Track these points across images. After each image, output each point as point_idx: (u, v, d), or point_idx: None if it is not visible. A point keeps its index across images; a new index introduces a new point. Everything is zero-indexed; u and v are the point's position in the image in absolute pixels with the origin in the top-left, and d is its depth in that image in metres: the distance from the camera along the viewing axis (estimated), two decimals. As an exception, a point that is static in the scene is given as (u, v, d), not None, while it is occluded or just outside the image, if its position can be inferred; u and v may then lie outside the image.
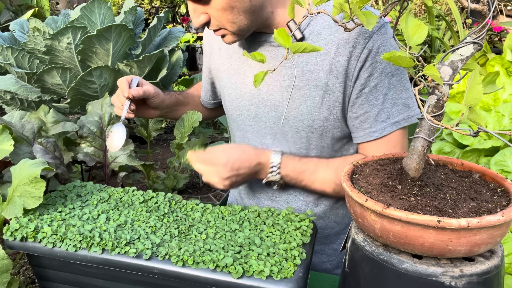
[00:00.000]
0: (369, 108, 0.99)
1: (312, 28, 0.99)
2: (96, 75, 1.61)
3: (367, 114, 0.99)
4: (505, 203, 0.59)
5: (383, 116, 0.99)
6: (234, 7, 0.93)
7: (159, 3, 5.00)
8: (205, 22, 0.97)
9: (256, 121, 1.10)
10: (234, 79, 1.13)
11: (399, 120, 0.98)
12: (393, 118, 0.98)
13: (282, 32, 0.60)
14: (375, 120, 0.99)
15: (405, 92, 0.99)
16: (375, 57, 0.95)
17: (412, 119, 0.99)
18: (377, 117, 0.99)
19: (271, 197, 1.15)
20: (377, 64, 0.96)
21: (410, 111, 0.99)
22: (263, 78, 0.63)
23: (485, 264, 0.58)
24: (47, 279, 0.86)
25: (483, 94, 0.55)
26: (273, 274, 0.70)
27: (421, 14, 4.18)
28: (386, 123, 0.99)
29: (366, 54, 0.95)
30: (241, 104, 1.12)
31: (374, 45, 0.95)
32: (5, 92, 1.73)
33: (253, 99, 1.09)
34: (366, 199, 0.59)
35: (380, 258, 0.61)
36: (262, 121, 1.09)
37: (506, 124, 1.43)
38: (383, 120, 0.99)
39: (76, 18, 1.71)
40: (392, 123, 0.98)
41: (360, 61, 0.96)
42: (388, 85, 0.97)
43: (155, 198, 0.93)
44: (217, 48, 1.19)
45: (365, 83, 0.97)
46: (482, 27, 0.58)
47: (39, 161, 0.88)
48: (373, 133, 1.00)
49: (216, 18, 0.96)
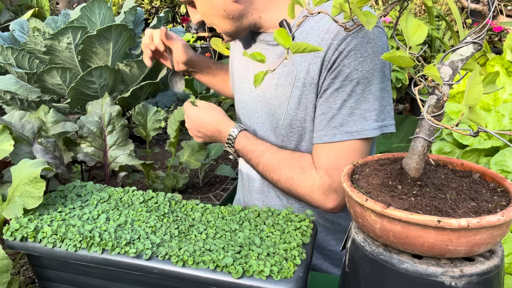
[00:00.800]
0: (326, 110, 0.97)
1: (303, 28, 1.00)
2: (96, 75, 1.61)
3: (323, 116, 0.98)
4: (505, 203, 0.59)
5: (336, 122, 0.96)
6: (211, 14, 1.02)
7: (159, 3, 5.00)
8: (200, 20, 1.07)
9: (252, 115, 1.15)
10: (240, 74, 1.19)
11: (353, 131, 0.95)
12: (346, 127, 0.95)
13: (282, 32, 0.60)
14: (328, 123, 0.97)
15: (366, 103, 0.94)
16: (344, 60, 0.93)
17: (366, 133, 0.94)
18: (331, 121, 0.97)
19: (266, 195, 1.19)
20: (344, 68, 0.93)
21: (366, 124, 0.94)
22: (263, 78, 0.63)
23: (485, 264, 0.58)
24: (47, 279, 0.86)
25: (483, 94, 0.55)
26: (273, 274, 0.70)
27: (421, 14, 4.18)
28: (338, 130, 0.96)
29: (336, 56, 0.93)
30: (242, 98, 1.18)
31: (346, 48, 0.92)
32: (5, 92, 1.73)
33: (251, 94, 1.14)
34: (366, 199, 0.59)
35: (380, 258, 0.61)
36: (256, 116, 1.14)
37: (506, 124, 1.43)
38: (336, 126, 0.96)
39: (76, 18, 1.71)
40: (344, 132, 0.95)
41: (330, 62, 0.94)
42: (349, 91, 0.94)
43: (155, 198, 0.93)
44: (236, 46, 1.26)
45: (328, 84, 0.96)
46: (482, 27, 0.58)
47: (39, 161, 0.88)
48: (323, 136, 0.98)
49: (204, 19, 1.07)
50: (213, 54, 4.12)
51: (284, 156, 1.05)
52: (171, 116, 1.31)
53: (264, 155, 1.06)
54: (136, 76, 1.76)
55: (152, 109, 1.38)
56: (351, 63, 0.93)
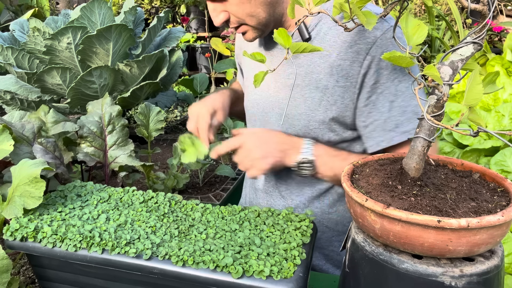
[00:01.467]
0: (377, 115, 0.96)
1: (320, 28, 0.99)
2: (96, 75, 1.61)
3: (376, 122, 0.97)
4: (505, 203, 0.59)
5: (391, 125, 0.95)
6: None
7: (159, 3, 5.00)
8: (225, 19, 0.99)
9: (263, 116, 1.14)
10: (252, 73, 1.19)
11: (409, 129, 0.94)
12: (402, 127, 0.94)
13: (282, 32, 0.60)
14: (382, 129, 0.96)
15: (413, 99, 0.94)
16: (380, 63, 0.93)
17: None
18: (384, 125, 0.96)
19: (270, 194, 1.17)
20: (382, 71, 0.93)
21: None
22: (263, 78, 0.63)
23: (485, 264, 0.58)
24: (47, 279, 0.86)
25: (483, 94, 0.55)
26: (273, 274, 0.70)
27: (421, 14, 4.18)
28: (394, 132, 0.95)
29: (370, 61, 0.93)
30: (253, 98, 1.17)
31: (378, 51, 0.92)
32: (5, 92, 1.73)
33: (262, 94, 1.13)
34: (366, 199, 0.59)
35: (380, 258, 0.61)
36: (267, 117, 1.13)
37: (506, 124, 1.43)
38: (391, 129, 0.95)
39: (76, 18, 1.71)
40: (402, 133, 0.94)
41: (364, 67, 0.94)
42: (394, 91, 0.94)
43: (155, 198, 0.93)
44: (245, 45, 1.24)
45: (371, 90, 0.95)
46: (482, 27, 0.58)
47: (39, 161, 0.88)
48: (381, 142, 0.97)
49: (235, 13, 0.98)
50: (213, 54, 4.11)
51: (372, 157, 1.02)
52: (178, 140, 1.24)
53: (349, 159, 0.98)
54: (136, 76, 1.76)
55: (155, 109, 1.38)
56: (388, 65, 0.93)
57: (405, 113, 0.94)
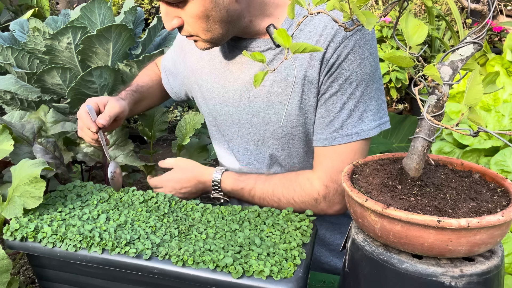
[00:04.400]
0: (325, 114, 0.97)
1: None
2: (96, 75, 1.61)
3: (322, 120, 0.97)
4: (505, 203, 0.59)
5: (336, 125, 0.96)
6: (210, 16, 0.90)
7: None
8: (177, 26, 0.94)
9: (240, 126, 1.09)
10: (216, 84, 1.10)
11: (352, 133, 0.95)
12: (346, 130, 0.95)
13: (282, 32, 0.60)
14: (327, 127, 0.97)
15: (363, 105, 0.95)
16: (342, 63, 0.92)
17: (364, 134, 0.95)
18: (330, 125, 0.96)
19: None
20: (343, 71, 0.93)
21: (363, 125, 0.95)
22: (263, 78, 0.63)
23: (485, 264, 0.58)
24: (47, 279, 0.86)
25: (483, 94, 0.55)
26: (273, 274, 0.70)
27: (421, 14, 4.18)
28: (337, 133, 0.96)
29: (335, 59, 0.92)
30: (224, 110, 1.10)
31: (344, 50, 0.92)
32: (5, 92, 1.73)
33: (235, 104, 1.07)
34: (366, 199, 0.59)
35: (380, 258, 0.61)
36: (245, 127, 1.08)
37: (506, 124, 1.43)
38: (335, 129, 0.96)
39: (76, 18, 1.71)
40: (344, 135, 0.95)
41: (328, 65, 0.93)
42: (349, 94, 0.94)
43: (155, 198, 0.93)
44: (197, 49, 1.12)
45: (327, 88, 0.95)
46: (482, 27, 0.58)
47: (39, 161, 0.88)
48: (323, 140, 0.98)
49: (190, 25, 0.93)
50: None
51: (277, 180, 1.03)
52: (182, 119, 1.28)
53: (256, 187, 1.03)
54: (136, 76, 1.76)
55: (160, 110, 1.38)
56: (350, 66, 0.92)
57: (351, 117, 0.95)
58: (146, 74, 1.34)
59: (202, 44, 0.98)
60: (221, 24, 0.93)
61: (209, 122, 1.19)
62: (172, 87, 1.29)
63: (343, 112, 0.95)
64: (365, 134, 0.95)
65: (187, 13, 0.90)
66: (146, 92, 1.28)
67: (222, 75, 1.08)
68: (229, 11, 0.92)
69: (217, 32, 0.94)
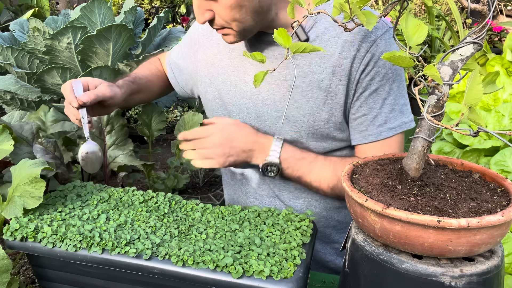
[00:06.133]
0: (367, 111, 1.00)
1: (317, 29, 0.99)
2: (96, 75, 1.61)
3: (365, 117, 1.01)
4: (505, 203, 0.59)
5: (380, 120, 1.00)
6: (243, 6, 0.91)
7: (159, 3, 5.00)
8: (209, 19, 0.94)
9: (256, 119, 1.09)
10: (233, 76, 1.10)
11: (395, 126, 1.00)
12: (390, 124, 1.00)
13: (282, 32, 0.60)
14: (371, 123, 1.01)
15: (402, 98, 1.01)
16: (378, 61, 0.97)
17: (405, 126, 1.01)
18: (374, 120, 1.00)
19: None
20: (380, 69, 0.97)
21: (404, 117, 1.01)
22: (263, 78, 0.63)
23: (485, 264, 0.58)
24: (47, 279, 0.86)
25: (483, 94, 0.55)
26: (273, 274, 0.70)
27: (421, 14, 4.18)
28: (382, 127, 1.00)
29: (369, 58, 0.96)
30: (241, 102, 1.10)
31: (377, 50, 0.96)
32: (5, 92, 1.73)
33: (253, 97, 1.07)
34: (366, 199, 0.59)
35: (380, 258, 0.61)
36: (261, 120, 1.08)
37: (506, 124, 1.43)
38: (380, 124, 1.00)
39: (76, 18, 1.71)
40: (389, 129, 1.00)
41: (363, 64, 0.97)
42: (388, 90, 0.99)
43: (155, 198, 0.93)
44: (215, 42, 1.15)
45: (366, 86, 0.98)
46: (482, 27, 0.58)
47: (39, 161, 0.88)
48: (368, 136, 1.01)
49: (222, 16, 0.93)
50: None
51: (337, 160, 1.03)
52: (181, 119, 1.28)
53: (317, 161, 1.01)
54: (136, 76, 1.75)
55: (157, 110, 1.38)
56: (386, 64, 0.97)
57: (393, 111, 1.00)
58: (147, 67, 1.33)
59: (231, 37, 0.99)
60: (253, 15, 0.94)
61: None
62: (178, 81, 1.29)
63: (385, 107, 1.00)
64: (406, 125, 1.01)
65: (221, 4, 0.91)
66: (144, 85, 1.26)
67: (241, 68, 1.09)
68: (261, 2, 0.94)
69: (248, 24, 0.95)
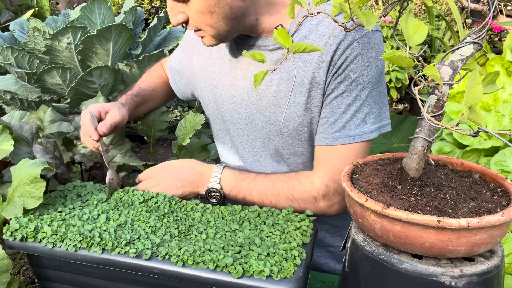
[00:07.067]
0: (330, 113, 0.98)
1: (300, 33, 0.98)
2: (96, 75, 1.61)
3: (326, 119, 0.98)
4: (505, 203, 0.59)
5: (339, 126, 0.97)
6: (213, 12, 0.92)
7: (159, 3, 5.00)
8: (183, 21, 0.96)
9: (247, 124, 1.09)
10: (225, 81, 1.10)
11: (354, 134, 0.96)
12: (348, 131, 0.96)
13: (282, 32, 0.60)
14: (330, 126, 0.98)
15: (367, 107, 0.96)
16: (350, 64, 0.94)
17: (366, 136, 0.96)
18: (333, 125, 0.97)
19: None
20: (351, 73, 0.94)
21: (366, 127, 0.97)
22: (263, 78, 0.63)
23: (485, 264, 0.58)
24: (47, 279, 0.86)
25: (483, 94, 0.55)
26: (273, 274, 0.70)
27: (421, 14, 4.18)
28: (340, 133, 0.97)
29: (343, 60, 0.94)
30: (232, 107, 1.10)
31: (352, 53, 0.93)
32: (5, 92, 1.73)
33: (243, 102, 1.07)
34: (366, 199, 0.59)
35: (380, 258, 0.61)
36: (252, 125, 1.09)
37: (506, 124, 1.43)
38: (338, 129, 0.97)
39: (76, 18, 1.72)
40: (346, 136, 0.97)
41: (336, 66, 0.94)
42: (355, 96, 0.95)
43: (155, 198, 0.93)
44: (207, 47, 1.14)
45: (334, 88, 0.96)
46: (482, 27, 0.58)
47: (39, 161, 0.88)
48: (324, 139, 0.99)
49: (195, 20, 0.94)
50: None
51: (277, 176, 1.03)
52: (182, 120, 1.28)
53: (256, 180, 1.02)
54: (136, 76, 1.76)
55: (159, 110, 1.38)
56: (357, 68, 0.94)
57: (354, 118, 0.96)
58: (150, 76, 1.36)
59: (208, 40, 0.99)
60: (225, 21, 0.94)
61: (214, 121, 1.19)
62: (179, 86, 1.31)
63: (347, 113, 0.96)
64: (366, 136, 0.96)
65: (191, 8, 0.93)
66: (148, 95, 1.29)
67: (231, 72, 1.09)
68: (233, 8, 0.93)
69: (221, 29, 0.95)
